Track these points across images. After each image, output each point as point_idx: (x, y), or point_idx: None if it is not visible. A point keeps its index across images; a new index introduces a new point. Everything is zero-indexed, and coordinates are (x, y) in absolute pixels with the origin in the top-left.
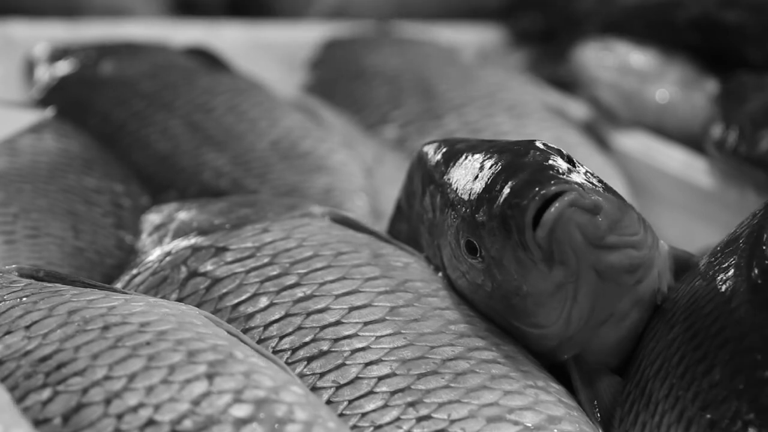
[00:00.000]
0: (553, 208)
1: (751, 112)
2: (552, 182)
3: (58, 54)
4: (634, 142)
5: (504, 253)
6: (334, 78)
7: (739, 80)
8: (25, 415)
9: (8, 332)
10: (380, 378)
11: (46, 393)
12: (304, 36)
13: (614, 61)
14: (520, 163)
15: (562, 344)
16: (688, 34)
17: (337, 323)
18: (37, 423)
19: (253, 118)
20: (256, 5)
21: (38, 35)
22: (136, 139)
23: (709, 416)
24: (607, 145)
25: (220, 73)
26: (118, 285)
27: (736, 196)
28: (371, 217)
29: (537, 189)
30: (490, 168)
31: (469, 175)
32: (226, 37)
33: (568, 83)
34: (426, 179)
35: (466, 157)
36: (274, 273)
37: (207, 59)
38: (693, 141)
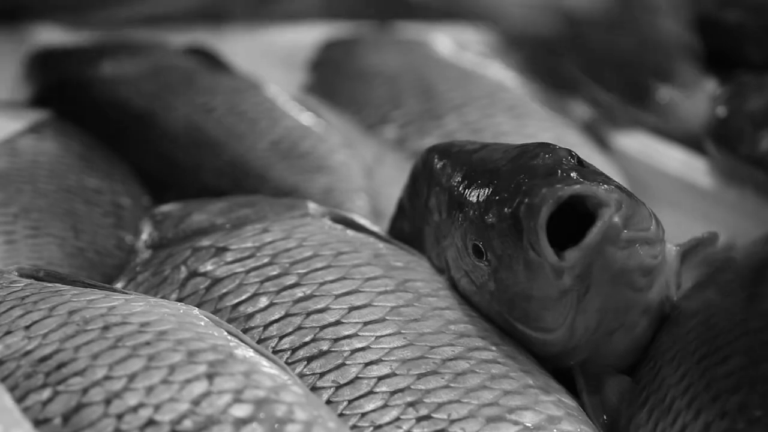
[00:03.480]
0: (596, 229)
1: (751, 112)
2: (565, 184)
3: (57, 54)
4: (634, 142)
5: (513, 255)
6: (334, 78)
7: (739, 80)
8: (26, 415)
9: (8, 332)
10: (380, 378)
11: (46, 393)
12: (304, 36)
13: None
14: (532, 165)
15: (567, 351)
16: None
17: (337, 323)
18: (37, 423)
19: (253, 118)
20: None
21: (38, 35)
22: (136, 139)
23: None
24: (607, 145)
25: (220, 73)
26: (118, 285)
27: (736, 196)
28: (371, 217)
29: (550, 190)
30: (499, 170)
31: (477, 178)
32: (226, 38)
33: (568, 83)
34: (432, 181)
35: (474, 159)
36: (274, 273)
37: (207, 59)
38: (693, 141)
